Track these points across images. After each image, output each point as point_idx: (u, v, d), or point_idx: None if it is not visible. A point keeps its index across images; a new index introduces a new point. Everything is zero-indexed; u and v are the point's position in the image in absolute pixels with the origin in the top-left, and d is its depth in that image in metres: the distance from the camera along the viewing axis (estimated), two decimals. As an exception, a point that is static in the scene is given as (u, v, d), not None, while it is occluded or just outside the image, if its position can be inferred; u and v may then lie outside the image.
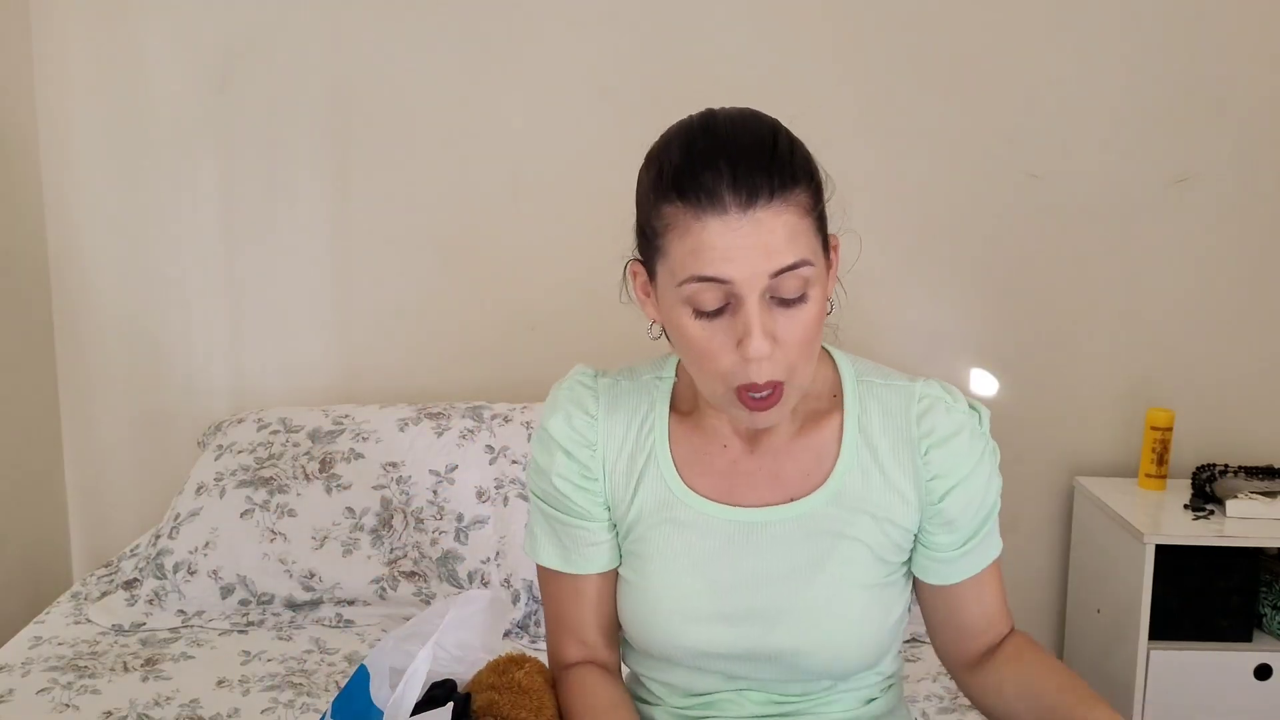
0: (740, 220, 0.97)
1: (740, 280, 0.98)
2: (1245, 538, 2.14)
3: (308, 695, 1.71)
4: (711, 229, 0.98)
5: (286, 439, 2.16)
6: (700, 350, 1.02)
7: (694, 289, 1.00)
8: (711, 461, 1.14)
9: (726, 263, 0.97)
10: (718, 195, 0.97)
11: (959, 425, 1.11)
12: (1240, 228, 2.41)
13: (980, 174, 2.40)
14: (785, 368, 1.01)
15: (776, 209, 0.98)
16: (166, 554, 2.04)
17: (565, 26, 2.36)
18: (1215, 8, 2.34)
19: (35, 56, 2.37)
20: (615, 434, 1.16)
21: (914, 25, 2.36)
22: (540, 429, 1.18)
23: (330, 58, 2.38)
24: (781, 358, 1.00)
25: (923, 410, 1.11)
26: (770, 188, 0.98)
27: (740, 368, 1.00)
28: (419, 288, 2.45)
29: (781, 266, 0.98)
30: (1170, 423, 2.33)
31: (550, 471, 1.16)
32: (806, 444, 1.13)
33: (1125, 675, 2.19)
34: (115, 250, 2.44)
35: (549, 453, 1.16)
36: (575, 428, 1.15)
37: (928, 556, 1.14)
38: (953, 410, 1.12)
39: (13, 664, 1.79)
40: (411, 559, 2.02)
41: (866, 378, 1.15)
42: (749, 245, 0.97)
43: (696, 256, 0.98)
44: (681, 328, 1.03)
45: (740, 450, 1.14)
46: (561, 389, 1.18)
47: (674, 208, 1.00)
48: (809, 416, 1.14)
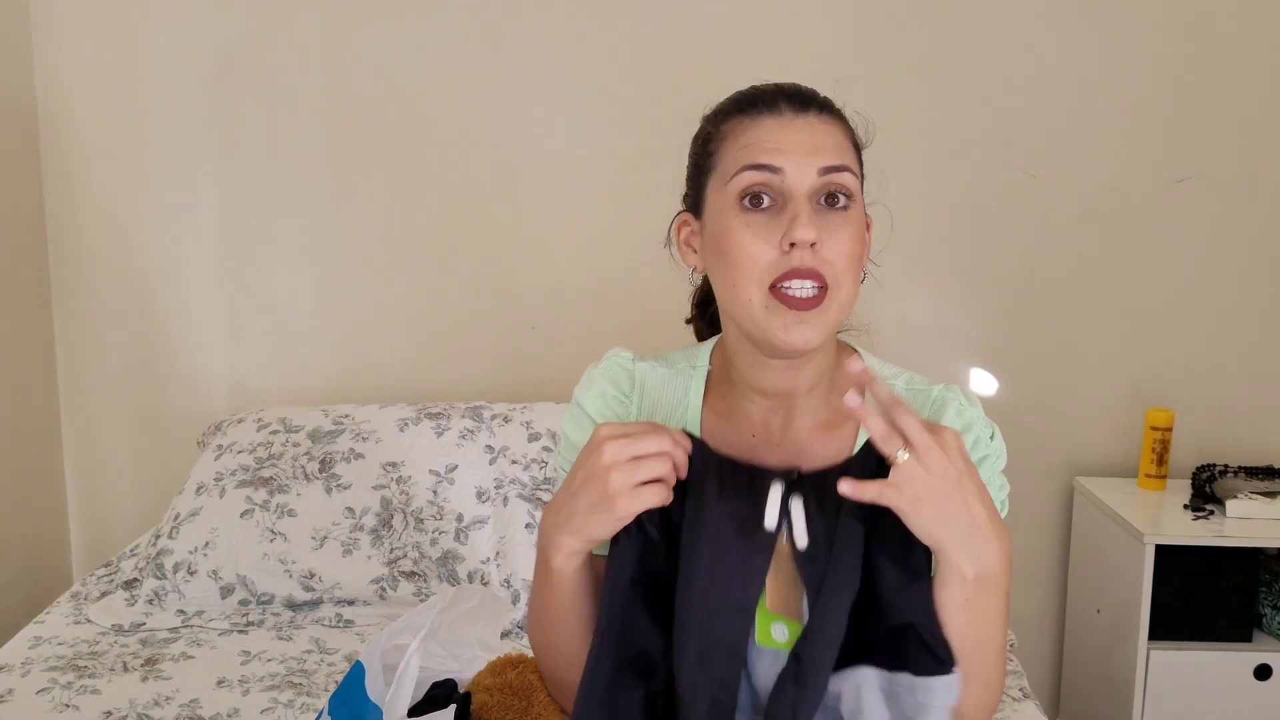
0: (794, 119, 1.04)
1: (791, 170, 1.02)
2: (1245, 538, 2.13)
3: (307, 695, 1.71)
4: (765, 126, 1.04)
5: (286, 439, 2.16)
6: (744, 250, 1.03)
7: (746, 179, 1.03)
8: (738, 453, 1.14)
9: (779, 153, 1.02)
10: (774, 102, 1.05)
11: (966, 425, 1.10)
12: (1240, 228, 2.41)
13: (980, 174, 2.40)
14: (830, 272, 1.02)
15: (826, 119, 1.06)
16: (166, 554, 2.04)
17: (566, 27, 2.37)
18: (1216, 8, 2.34)
19: (36, 56, 2.38)
20: (648, 416, 1.17)
21: (913, 25, 2.36)
22: (574, 406, 1.19)
23: (330, 58, 2.38)
24: (826, 261, 1.02)
25: (934, 411, 1.11)
26: (820, 103, 1.07)
27: (783, 260, 1.01)
28: (419, 288, 2.45)
29: (830, 164, 1.03)
30: (1170, 423, 2.33)
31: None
32: (828, 439, 1.13)
33: (1125, 675, 2.19)
34: (115, 250, 2.44)
35: (582, 429, 1.17)
36: (610, 406, 1.17)
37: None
38: (964, 412, 1.11)
39: (12, 664, 1.79)
40: (411, 559, 2.02)
41: (891, 381, 1.16)
42: (800, 140, 1.03)
43: (750, 148, 1.04)
44: (728, 230, 1.04)
45: (766, 443, 1.14)
46: (598, 369, 1.20)
47: (730, 123, 1.07)
48: (832, 413, 1.14)
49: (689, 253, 1.13)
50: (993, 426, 1.13)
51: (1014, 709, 1.77)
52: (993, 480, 1.12)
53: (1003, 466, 1.13)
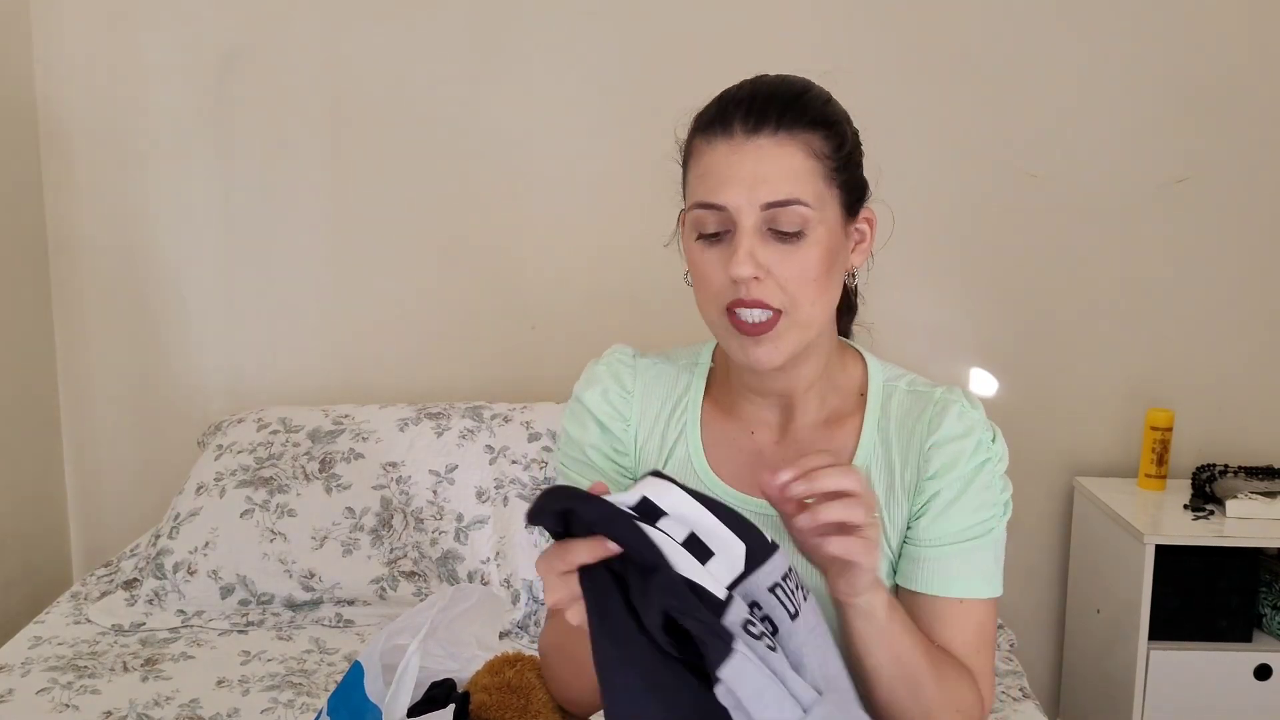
0: (743, 145, 1.02)
1: (733, 208, 1.02)
2: (1245, 538, 2.13)
3: (307, 695, 1.71)
4: (718, 152, 1.03)
5: (286, 439, 2.16)
6: (700, 273, 1.06)
7: (697, 215, 1.05)
8: (738, 449, 1.15)
9: (724, 188, 1.02)
10: (729, 122, 1.03)
11: (967, 428, 1.10)
12: (1240, 228, 2.41)
13: (980, 174, 2.40)
14: (783, 299, 1.03)
15: (780, 140, 1.02)
16: (166, 554, 2.04)
17: (566, 26, 2.36)
18: (1216, 7, 2.34)
19: (35, 55, 2.38)
20: (649, 412, 1.17)
21: (913, 26, 2.36)
22: (574, 401, 1.19)
23: (330, 58, 2.38)
24: (776, 289, 1.02)
25: (936, 412, 1.11)
26: (779, 121, 1.02)
27: (732, 288, 1.03)
28: (419, 287, 2.46)
29: (771, 200, 1.01)
30: (1170, 423, 2.33)
31: (583, 443, 1.17)
32: (829, 439, 1.13)
33: (1125, 675, 2.19)
34: (115, 250, 2.44)
35: (583, 425, 1.18)
36: (611, 402, 1.17)
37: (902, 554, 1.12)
38: (965, 415, 1.11)
39: (12, 664, 1.79)
40: (411, 559, 2.02)
41: (893, 382, 1.16)
42: (745, 173, 1.01)
43: (702, 182, 1.04)
44: (690, 253, 1.07)
45: (766, 440, 1.15)
46: (600, 364, 1.20)
47: (694, 141, 1.07)
48: (834, 413, 1.14)
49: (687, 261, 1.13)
50: (994, 429, 1.13)
51: (1014, 709, 1.76)
52: (994, 483, 1.11)
53: (1005, 469, 1.13)
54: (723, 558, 0.88)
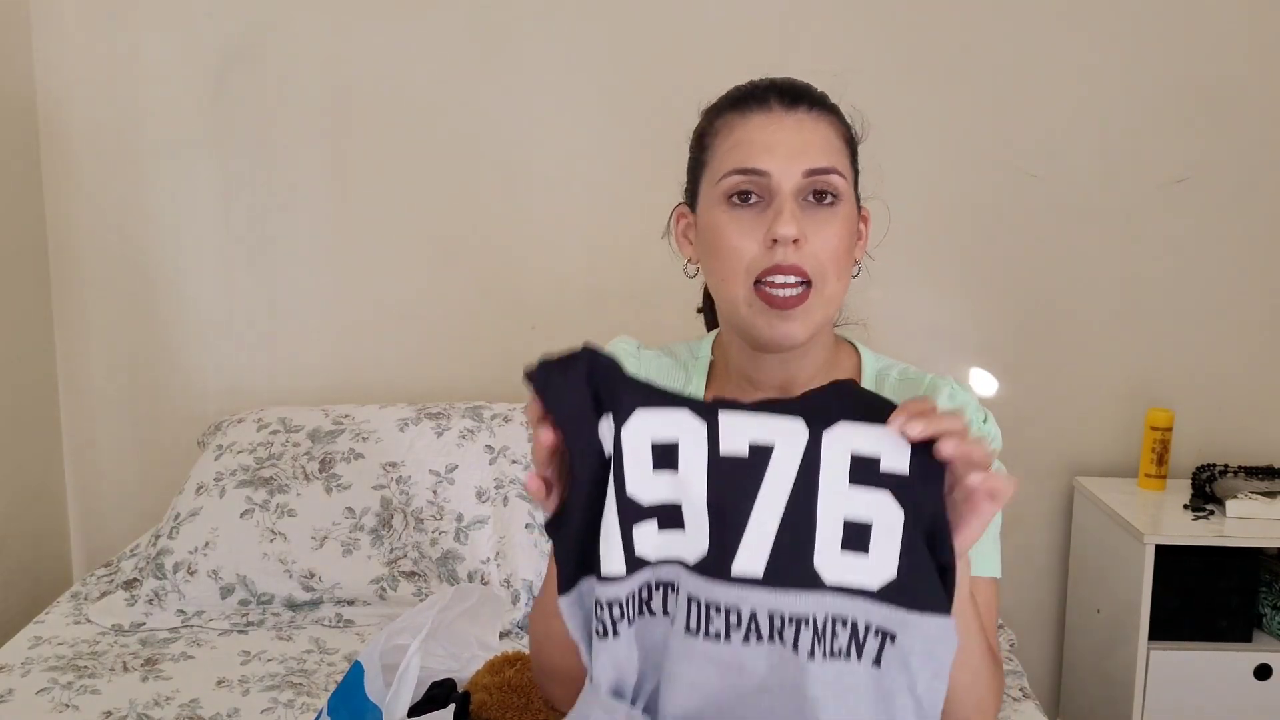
0: (783, 116, 1.05)
1: (777, 172, 1.02)
2: (1245, 538, 2.13)
3: (307, 695, 1.71)
4: (754, 123, 1.05)
5: (286, 439, 2.16)
6: (730, 244, 1.04)
7: (733, 181, 1.04)
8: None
9: (766, 154, 1.03)
10: (765, 98, 1.06)
11: (959, 407, 1.11)
12: (1240, 227, 2.41)
13: (980, 174, 2.40)
14: (814, 268, 1.03)
15: (816, 116, 1.06)
16: (166, 554, 2.04)
17: (565, 26, 2.36)
18: (1215, 7, 2.34)
19: (36, 55, 2.38)
20: None
21: (913, 26, 2.36)
22: None
23: (329, 58, 2.38)
24: (811, 256, 1.02)
25: (926, 393, 1.12)
26: (811, 99, 1.07)
27: (766, 256, 1.02)
28: (419, 287, 2.45)
29: (817, 166, 1.03)
30: (1170, 423, 2.33)
31: None
32: None
33: (1125, 675, 2.19)
34: (115, 250, 2.44)
35: None
36: None
37: None
38: (957, 395, 1.12)
39: (12, 664, 1.79)
40: (411, 559, 2.02)
41: (886, 371, 1.17)
42: (788, 140, 1.03)
43: (738, 149, 1.05)
44: (715, 226, 1.06)
45: None
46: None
47: (722, 118, 1.08)
48: None
49: (685, 245, 1.14)
50: (986, 412, 1.14)
51: (1014, 709, 1.77)
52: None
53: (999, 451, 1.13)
54: (689, 536, 0.87)
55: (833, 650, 0.84)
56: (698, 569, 0.86)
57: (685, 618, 0.87)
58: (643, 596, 0.89)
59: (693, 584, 0.86)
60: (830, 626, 0.84)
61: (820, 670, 0.84)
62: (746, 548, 0.85)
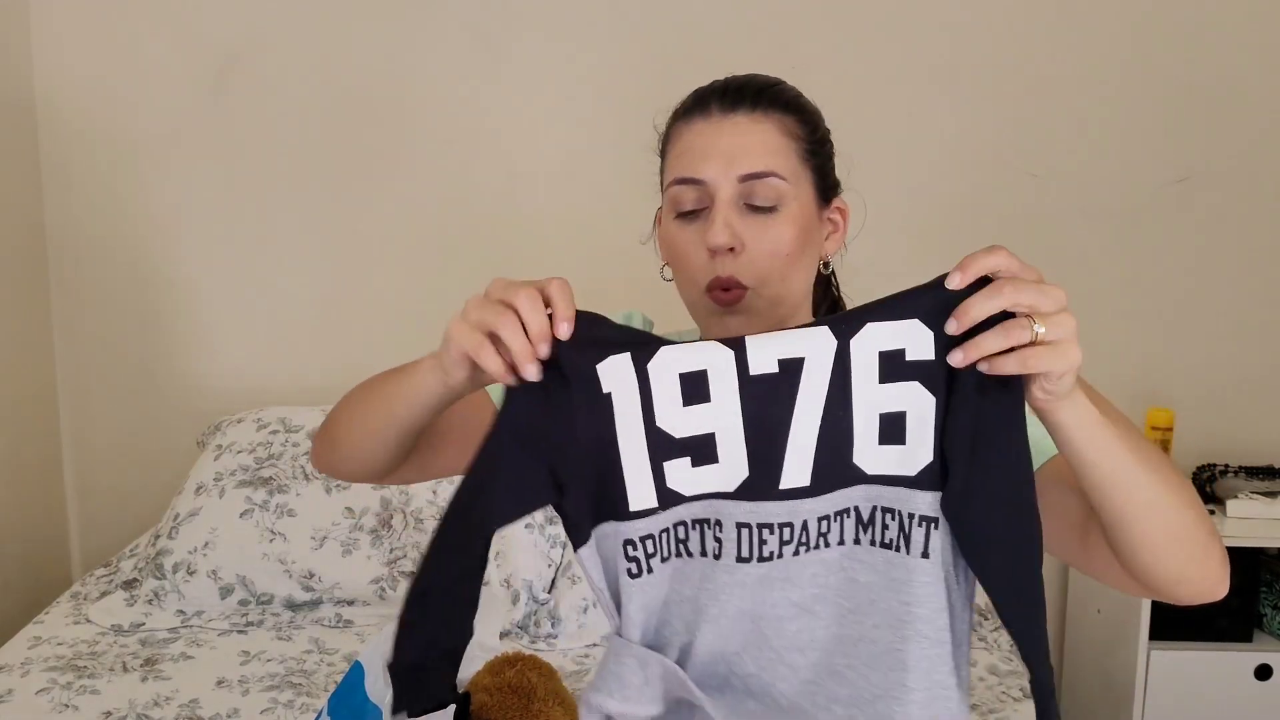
0: (720, 122, 1.04)
1: (712, 180, 1.03)
2: (1245, 538, 2.13)
3: (307, 695, 1.71)
4: (695, 129, 1.05)
5: (286, 439, 2.16)
6: (680, 251, 1.06)
7: (675, 191, 1.06)
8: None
9: (702, 162, 1.03)
10: (706, 103, 1.06)
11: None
12: (1241, 227, 2.41)
13: (980, 174, 2.40)
14: (752, 274, 1.03)
15: (757, 118, 1.04)
16: (166, 554, 2.03)
17: (564, 27, 2.36)
18: (1216, 7, 2.34)
19: (35, 56, 2.38)
20: None
21: (913, 26, 2.36)
22: None
23: (329, 58, 2.38)
24: (748, 263, 1.03)
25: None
26: (754, 100, 1.05)
27: (709, 267, 1.04)
28: (418, 287, 2.45)
29: (749, 171, 1.02)
30: (1170, 423, 2.33)
31: None
32: None
33: (1125, 675, 2.19)
34: (115, 250, 2.44)
35: None
36: None
37: None
38: None
39: (12, 664, 1.79)
40: (411, 559, 2.02)
41: None
42: (723, 146, 1.03)
43: (680, 159, 1.06)
44: (668, 235, 1.08)
45: None
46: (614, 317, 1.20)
47: (673, 127, 1.10)
48: None
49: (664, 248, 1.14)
50: None
51: (1014, 709, 1.76)
52: None
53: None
54: (724, 468, 0.86)
55: (883, 540, 0.86)
56: (741, 494, 0.86)
57: (736, 547, 0.87)
58: (679, 535, 0.88)
59: (739, 510, 0.86)
60: (880, 517, 0.87)
61: (869, 556, 0.87)
62: (791, 460, 0.85)
